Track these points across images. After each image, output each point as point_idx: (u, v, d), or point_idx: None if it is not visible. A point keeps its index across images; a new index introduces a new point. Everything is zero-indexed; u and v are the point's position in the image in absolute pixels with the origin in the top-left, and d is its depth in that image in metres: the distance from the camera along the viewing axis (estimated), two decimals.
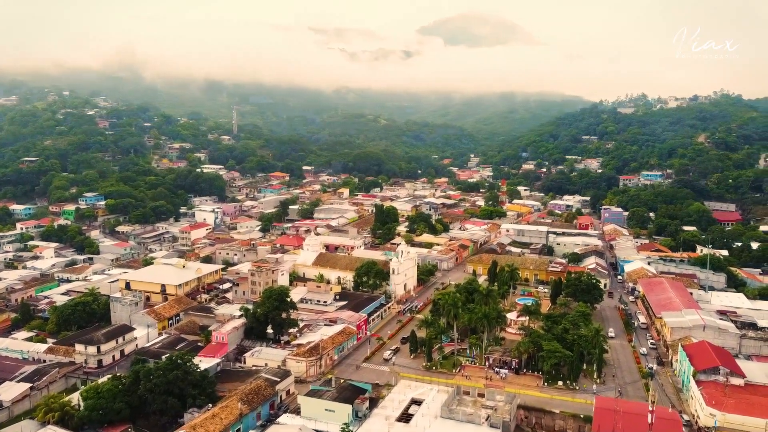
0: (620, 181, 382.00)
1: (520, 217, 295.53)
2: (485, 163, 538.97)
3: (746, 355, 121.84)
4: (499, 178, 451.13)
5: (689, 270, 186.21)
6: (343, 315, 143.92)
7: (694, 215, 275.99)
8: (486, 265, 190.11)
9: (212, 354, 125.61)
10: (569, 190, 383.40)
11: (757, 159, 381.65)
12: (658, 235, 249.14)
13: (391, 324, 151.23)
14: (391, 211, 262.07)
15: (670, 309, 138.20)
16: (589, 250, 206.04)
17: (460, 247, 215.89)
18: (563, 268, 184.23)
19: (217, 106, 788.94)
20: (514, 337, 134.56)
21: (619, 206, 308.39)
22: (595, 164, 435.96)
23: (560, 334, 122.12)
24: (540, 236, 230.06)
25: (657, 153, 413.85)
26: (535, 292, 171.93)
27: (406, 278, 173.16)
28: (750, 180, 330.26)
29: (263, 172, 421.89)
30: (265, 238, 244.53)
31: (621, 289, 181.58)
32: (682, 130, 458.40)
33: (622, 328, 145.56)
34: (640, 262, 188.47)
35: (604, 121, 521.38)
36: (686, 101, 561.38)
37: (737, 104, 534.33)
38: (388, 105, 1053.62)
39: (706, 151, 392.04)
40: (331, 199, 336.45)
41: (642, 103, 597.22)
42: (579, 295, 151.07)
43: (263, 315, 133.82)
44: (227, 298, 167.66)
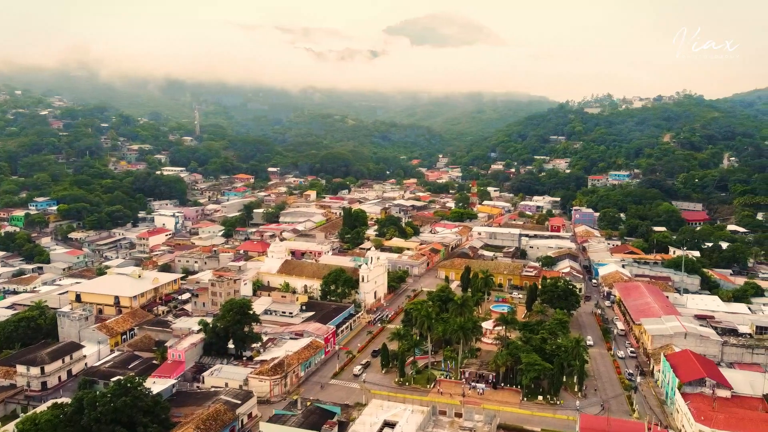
0: (589, 181, 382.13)
1: (490, 219, 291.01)
2: (454, 164, 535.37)
3: (728, 362, 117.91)
4: (468, 179, 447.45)
5: (663, 272, 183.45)
6: (309, 327, 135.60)
7: (664, 215, 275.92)
8: (458, 270, 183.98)
9: (168, 373, 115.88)
10: (538, 191, 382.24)
11: (720, 159, 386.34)
12: (630, 236, 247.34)
13: (361, 335, 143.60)
14: (359, 215, 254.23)
15: (649, 315, 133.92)
16: (562, 254, 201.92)
17: (432, 252, 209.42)
18: (537, 273, 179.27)
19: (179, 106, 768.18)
20: (490, 348, 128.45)
21: (589, 207, 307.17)
22: (563, 164, 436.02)
23: (539, 345, 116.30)
24: (512, 239, 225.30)
25: (624, 153, 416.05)
26: (510, 299, 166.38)
27: (376, 286, 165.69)
28: (715, 180, 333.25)
29: (227, 174, 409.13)
30: (228, 243, 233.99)
31: (596, 294, 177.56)
32: (648, 130, 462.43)
33: (600, 336, 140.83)
34: (615, 266, 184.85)
35: (571, 121, 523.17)
36: (651, 101, 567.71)
37: (699, 105, 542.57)
38: (356, 105, 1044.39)
39: (672, 151, 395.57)
40: (297, 202, 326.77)
41: (608, 104, 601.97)
42: (555, 302, 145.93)
43: (224, 329, 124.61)
44: (186, 310, 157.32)
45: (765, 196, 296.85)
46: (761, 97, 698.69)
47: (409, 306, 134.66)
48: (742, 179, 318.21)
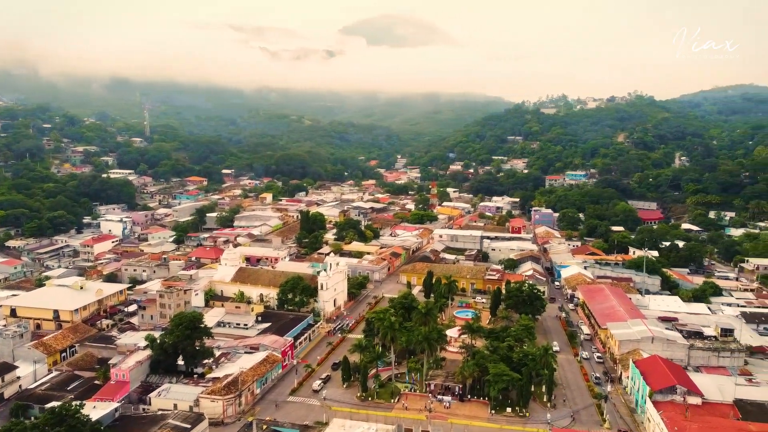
0: (546, 181, 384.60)
1: (451, 221, 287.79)
2: (413, 164, 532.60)
3: (695, 366, 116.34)
4: (427, 179, 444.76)
5: (625, 273, 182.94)
6: (266, 340, 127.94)
7: (621, 215, 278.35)
8: (420, 274, 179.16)
9: (110, 396, 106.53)
10: (497, 191, 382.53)
11: (672, 158, 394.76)
12: (589, 236, 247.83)
13: (321, 347, 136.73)
14: (317, 218, 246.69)
15: (615, 319, 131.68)
16: (524, 256, 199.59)
17: (392, 256, 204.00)
18: (500, 276, 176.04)
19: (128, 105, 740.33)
20: (455, 357, 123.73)
21: (548, 207, 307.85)
22: (521, 164, 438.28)
23: (505, 354, 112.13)
24: (474, 241, 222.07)
25: (580, 153, 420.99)
26: (474, 304, 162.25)
27: (335, 293, 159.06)
28: (669, 179, 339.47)
29: (178, 177, 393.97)
30: (179, 250, 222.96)
31: (560, 296, 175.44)
32: (603, 130, 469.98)
33: (566, 341, 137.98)
34: (577, 267, 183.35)
35: (528, 121, 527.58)
36: (604, 102, 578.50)
37: (651, 105, 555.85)
38: (312, 105, 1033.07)
39: (626, 151, 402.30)
40: (252, 205, 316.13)
41: (563, 104, 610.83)
42: (521, 307, 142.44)
43: (172, 345, 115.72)
44: (132, 323, 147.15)
45: (716, 195, 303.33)
46: (707, 98, 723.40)
47: (371, 315, 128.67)
48: (694, 178, 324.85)
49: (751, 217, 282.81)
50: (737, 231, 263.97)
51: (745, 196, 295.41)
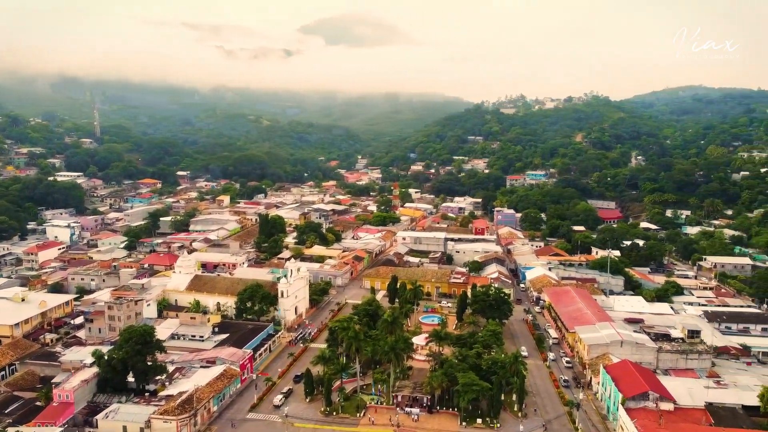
0: (507, 181, 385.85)
1: (413, 222, 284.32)
2: (373, 165, 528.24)
3: (664, 369, 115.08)
4: (389, 180, 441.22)
5: (589, 274, 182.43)
6: (223, 353, 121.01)
7: (582, 214, 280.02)
8: (384, 279, 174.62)
9: (53, 419, 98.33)
10: (459, 191, 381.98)
11: (629, 158, 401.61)
12: (552, 236, 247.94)
13: (282, 358, 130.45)
14: (277, 221, 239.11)
15: (583, 322, 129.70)
16: (489, 258, 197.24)
17: (355, 260, 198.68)
18: (466, 279, 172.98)
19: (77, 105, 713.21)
20: (422, 365, 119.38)
21: (510, 207, 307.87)
22: (482, 164, 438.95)
23: (474, 362, 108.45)
24: (438, 243, 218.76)
25: (540, 153, 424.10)
26: (439, 308, 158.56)
27: (297, 300, 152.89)
28: (626, 178, 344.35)
29: (131, 180, 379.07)
30: (131, 257, 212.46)
31: (525, 299, 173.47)
32: (561, 130, 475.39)
33: (534, 345, 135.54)
34: (542, 269, 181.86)
35: (488, 121, 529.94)
36: (561, 102, 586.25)
37: (606, 105, 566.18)
38: (271, 105, 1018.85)
39: (584, 151, 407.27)
40: (209, 208, 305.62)
41: (521, 104, 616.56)
42: (487, 312, 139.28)
43: (121, 362, 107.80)
44: (79, 338, 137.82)
45: (672, 193, 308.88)
46: (659, 99, 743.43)
47: (335, 324, 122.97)
48: (651, 177, 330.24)
49: (706, 215, 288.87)
50: (693, 229, 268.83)
51: (699, 195, 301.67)
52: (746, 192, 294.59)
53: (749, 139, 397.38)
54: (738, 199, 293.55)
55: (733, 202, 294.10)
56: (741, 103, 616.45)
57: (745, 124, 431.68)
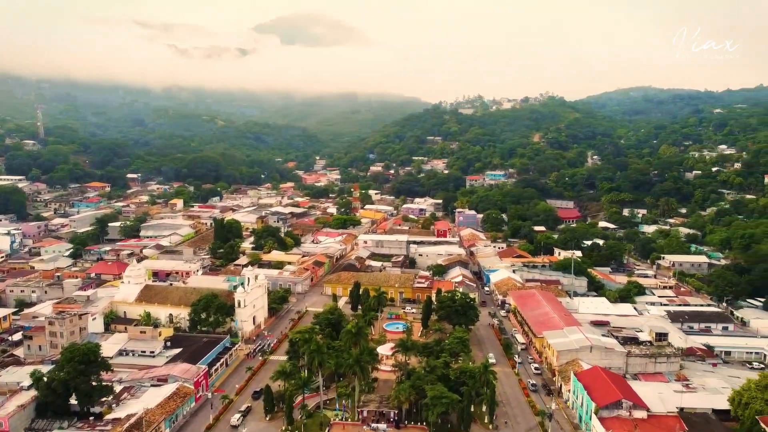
0: (467, 181, 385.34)
1: (374, 224, 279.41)
2: (332, 166, 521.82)
3: (633, 374, 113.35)
4: (348, 181, 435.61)
5: (553, 276, 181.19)
6: (176, 369, 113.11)
7: (542, 214, 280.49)
8: (346, 285, 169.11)
9: None
10: (419, 192, 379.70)
11: (585, 157, 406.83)
12: (513, 237, 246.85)
13: (239, 372, 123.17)
14: (233, 225, 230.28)
15: (550, 327, 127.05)
16: (452, 261, 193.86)
17: (315, 265, 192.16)
18: (430, 284, 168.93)
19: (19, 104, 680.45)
20: (388, 376, 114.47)
21: (471, 208, 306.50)
22: (441, 165, 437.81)
23: (442, 372, 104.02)
24: (400, 247, 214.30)
25: (499, 153, 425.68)
26: (404, 315, 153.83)
27: (255, 310, 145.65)
28: (584, 178, 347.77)
29: (77, 183, 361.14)
30: (77, 266, 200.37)
31: (490, 303, 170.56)
32: (519, 130, 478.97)
33: (501, 351, 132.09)
34: (506, 271, 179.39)
35: (446, 121, 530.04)
36: (518, 102, 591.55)
37: (562, 106, 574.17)
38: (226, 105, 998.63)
39: (542, 151, 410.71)
40: (161, 213, 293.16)
41: (479, 104, 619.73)
42: (454, 318, 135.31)
43: (63, 383, 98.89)
44: (17, 356, 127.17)
45: (629, 193, 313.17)
46: (612, 99, 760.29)
47: (295, 335, 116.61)
48: (608, 177, 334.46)
49: (661, 213, 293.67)
50: (650, 228, 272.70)
51: (655, 194, 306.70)
52: (699, 191, 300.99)
53: (699, 139, 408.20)
54: (691, 197, 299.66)
55: (686, 200, 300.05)
56: (689, 103, 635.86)
57: (694, 125, 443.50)
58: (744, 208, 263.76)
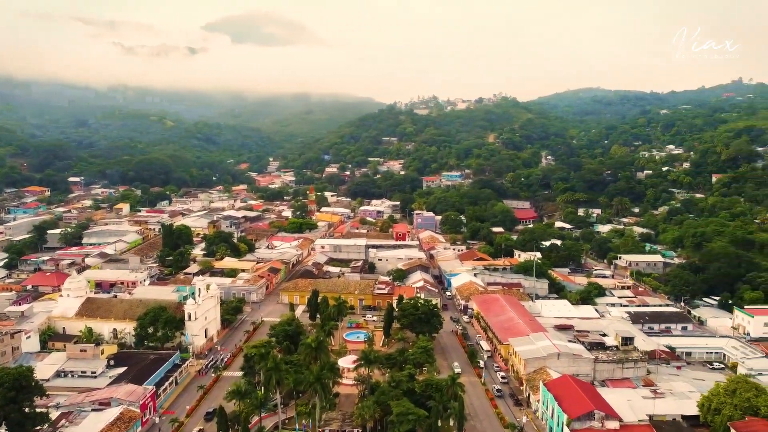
0: (424, 182, 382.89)
1: (332, 228, 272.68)
2: (286, 167, 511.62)
3: (600, 380, 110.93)
4: (303, 183, 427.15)
5: (514, 279, 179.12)
6: (119, 391, 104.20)
7: (500, 215, 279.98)
8: (304, 292, 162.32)
9: None
10: (375, 194, 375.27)
11: (540, 158, 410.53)
12: (473, 239, 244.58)
13: (190, 391, 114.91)
14: (183, 231, 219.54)
15: (516, 333, 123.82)
16: (413, 265, 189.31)
17: (271, 272, 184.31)
18: (390, 289, 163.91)
19: None
20: (350, 390, 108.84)
21: (429, 209, 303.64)
22: (397, 166, 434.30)
23: (407, 386, 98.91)
24: (359, 251, 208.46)
25: (455, 153, 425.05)
26: (364, 323, 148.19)
27: (206, 322, 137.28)
28: (539, 178, 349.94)
29: (14, 188, 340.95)
30: (12, 277, 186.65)
31: (453, 308, 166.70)
32: (474, 130, 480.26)
33: (467, 360, 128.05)
34: (467, 275, 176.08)
35: (402, 122, 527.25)
36: (473, 103, 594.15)
37: (515, 106, 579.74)
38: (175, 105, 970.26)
39: (498, 151, 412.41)
40: (105, 218, 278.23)
41: (433, 105, 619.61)
42: (417, 326, 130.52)
43: None
44: None
45: (583, 192, 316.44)
46: (562, 100, 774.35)
47: (251, 350, 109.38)
48: (563, 177, 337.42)
49: (615, 213, 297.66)
50: (605, 227, 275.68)
51: (608, 194, 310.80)
52: (651, 190, 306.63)
53: (648, 139, 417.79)
54: (644, 197, 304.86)
55: (639, 200, 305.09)
56: (636, 104, 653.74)
57: (643, 125, 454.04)
58: (694, 207, 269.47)
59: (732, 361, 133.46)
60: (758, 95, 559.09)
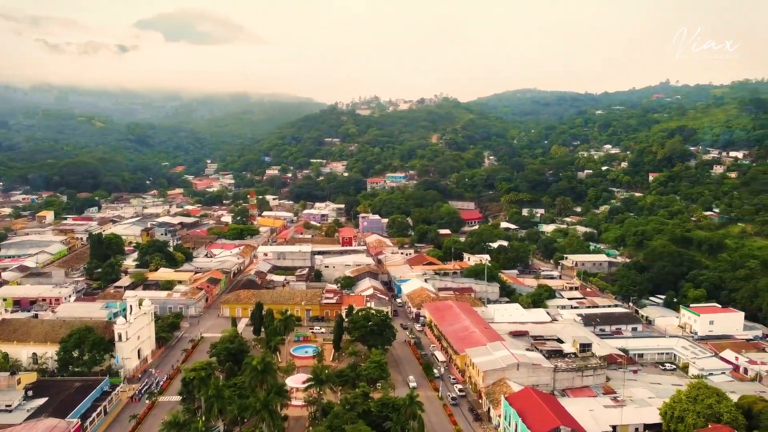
0: (368, 184, 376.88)
1: (275, 234, 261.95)
2: (225, 170, 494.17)
3: (561, 390, 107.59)
4: (243, 186, 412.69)
5: (465, 283, 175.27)
6: (39, 427, 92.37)
7: (446, 217, 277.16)
8: (246, 305, 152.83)
9: None
10: (319, 196, 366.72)
11: (482, 158, 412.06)
12: (420, 242, 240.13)
13: (122, 421, 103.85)
14: (113, 241, 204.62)
15: (472, 342, 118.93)
16: (361, 272, 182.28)
17: (210, 283, 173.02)
18: (339, 299, 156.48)
19: None
20: (300, 413, 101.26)
21: (374, 212, 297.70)
22: (340, 167, 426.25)
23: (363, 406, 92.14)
24: (304, 258, 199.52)
25: (398, 154, 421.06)
26: (312, 336, 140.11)
27: (139, 342, 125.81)
28: (483, 178, 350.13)
29: None
30: None
31: (404, 316, 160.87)
32: (417, 131, 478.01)
33: (422, 372, 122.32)
34: (418, 281, 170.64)
35: (344, 123, 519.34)
36: (414, 103, 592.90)
37: (457, 107, 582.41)
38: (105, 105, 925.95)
39: (441, 152, 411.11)
40: (27, 227, 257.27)
41: (375, 105, 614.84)
42: (369, 339, 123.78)
43: None
44: None
45: (527, 192, 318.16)
46: (501, 100, 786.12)
47: (189, 374, 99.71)
48: (506, 177, 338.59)
49: (558, 213, 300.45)
50: (549, 227, 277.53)
51: (551, 194, 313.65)
52: (592, 190, 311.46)
53: (586, 139, 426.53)
54: (585, 196, 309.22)
55: (581, 199, 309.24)
56: (572, 105, 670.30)
57: (580, 125, 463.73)
58: (634, 205, 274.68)
59: (683, 361, 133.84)
60: (684, 96, 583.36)
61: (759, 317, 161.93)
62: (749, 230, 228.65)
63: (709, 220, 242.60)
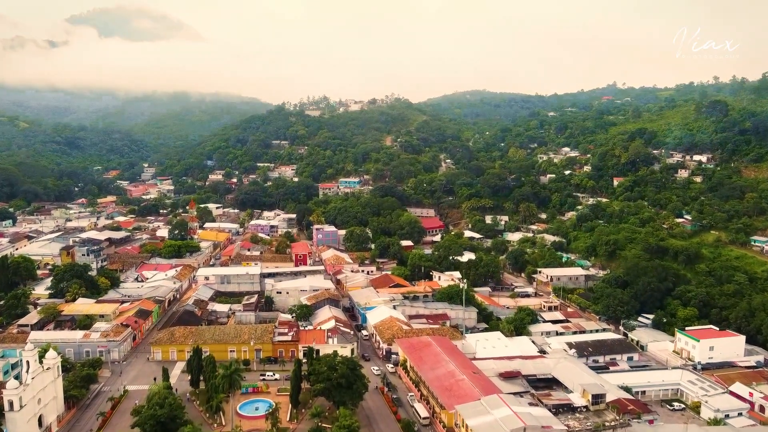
0: (320, 189, 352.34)
1: (218, 249, 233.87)
2: (163, 174, 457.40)
3: None
4: (183, 192, 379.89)
5: (439, 308, 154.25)
6: None
7: (406, 227, 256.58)
8: (182, 346, 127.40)
9: None
10: (267, 203, 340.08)
11: (439, 161, 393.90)
12: (382, 257, 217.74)
13: None
14: (21, 264, 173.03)
15: (462, 396, 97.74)
16: (320, 298, 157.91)
17: (139, 316, 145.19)
18: (294, 334, 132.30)
19: None
20: None
21: (328, 221, 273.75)
22: (290, 171, 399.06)
23: None
24: (252, 282, 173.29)
25: (351, 158, 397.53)
26: (263, 387, 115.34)
27: (41, 407, 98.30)
28: (442, 183, 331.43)
29: None
30: None
31: (371, 351, 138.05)
32: (370, 133, 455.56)
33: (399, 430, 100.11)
34: (386, 308, 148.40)
35: (293, 124, 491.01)
36: (366, 104, 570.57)
37: (409, 108, 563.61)
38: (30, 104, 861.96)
39: (396, 155, 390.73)
40: None
41: (324, 106, 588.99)
42: (335, 394, 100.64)
43: None
44: None
45: (488, 198, 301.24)
46: (452, 102, 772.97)
47: None
48: (467, 182, 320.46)
49: (522, 220, 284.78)
50: (514, 235, 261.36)
51: (514, 199, 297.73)
52: (555, 195, 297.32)
53: (543, 142, 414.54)
54: (549, 202, 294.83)
55: (545, 205, 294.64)
56: (523, 107, 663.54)
57: (536, 127, 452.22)
58: (602, 212, 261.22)
59: (693, 400, 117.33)
60: (634, 98, 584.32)
61: (759, 340, 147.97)
62: (724, 238, 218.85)
63: (681, 228, 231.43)
